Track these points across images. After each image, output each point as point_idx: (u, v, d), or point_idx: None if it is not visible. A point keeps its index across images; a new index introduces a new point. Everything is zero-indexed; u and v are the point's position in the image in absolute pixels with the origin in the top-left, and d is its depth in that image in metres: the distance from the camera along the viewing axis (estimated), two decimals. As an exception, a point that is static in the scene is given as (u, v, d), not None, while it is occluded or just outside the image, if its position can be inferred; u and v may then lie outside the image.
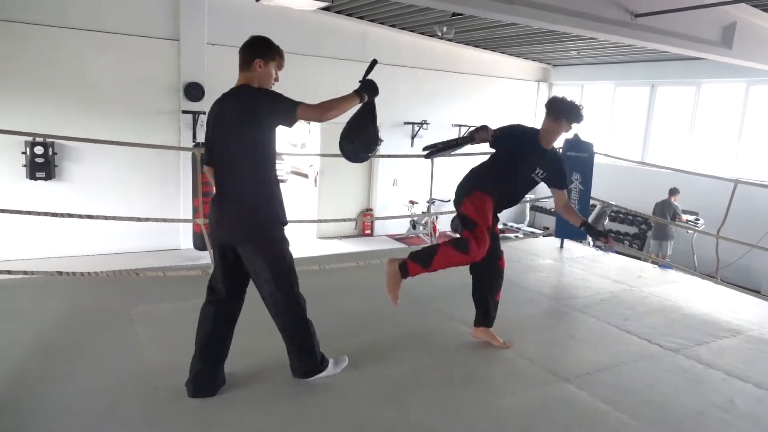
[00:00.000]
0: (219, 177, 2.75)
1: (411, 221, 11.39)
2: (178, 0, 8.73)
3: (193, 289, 4.43)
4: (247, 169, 2.69)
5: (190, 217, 8.46)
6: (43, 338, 3.35)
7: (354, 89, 2.75)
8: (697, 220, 9.65)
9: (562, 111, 3.43)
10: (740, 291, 5.30)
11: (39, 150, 7.99)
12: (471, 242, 3.19)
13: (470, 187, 3.43)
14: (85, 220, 6.29)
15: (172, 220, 7.86)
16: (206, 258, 8.30)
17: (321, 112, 2.63)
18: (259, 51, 2.74)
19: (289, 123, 2.68)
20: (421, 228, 11.20)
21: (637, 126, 11.78)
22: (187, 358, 2.80)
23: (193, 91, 8.96)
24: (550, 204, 11.43)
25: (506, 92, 12.71)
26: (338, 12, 9.64)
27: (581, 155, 5.97)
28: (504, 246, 6.75)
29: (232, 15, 9.08)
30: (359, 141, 2.88)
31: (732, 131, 10.26)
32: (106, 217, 4.63)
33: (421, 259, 3.25)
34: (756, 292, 6.47)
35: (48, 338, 3.35)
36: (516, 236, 10.58)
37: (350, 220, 10.90)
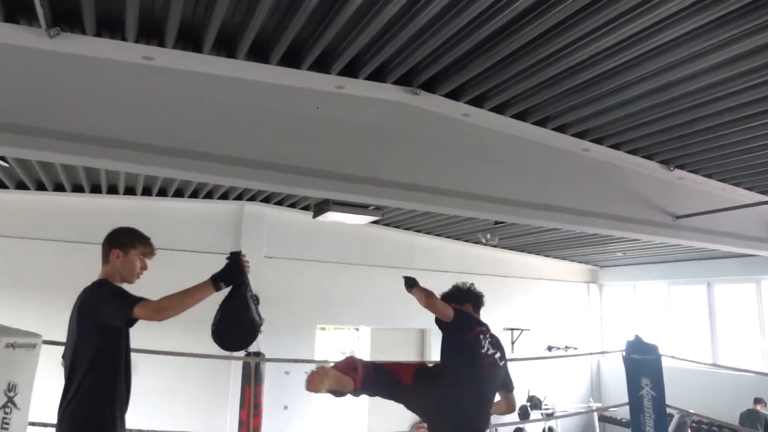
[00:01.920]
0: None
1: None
2: (242, 219, 9.59)
3: None
4: (74, 377, 2.40)
5: (236, 431, 8.09)
6: None
7: (210, 276, 2.47)
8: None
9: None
10: None
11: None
12: None
13: None
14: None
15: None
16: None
17: (157, 309, 2.35)
18: (116, 241, 2.64)
19: (119, 322, 2.39)
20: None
21: (700, 326, 11.23)
22: None
23: (249, 301, 9.29)
24: (621, 414, 10.48)
25: (555, 294, 12.63)
26: (386, 225, 10.32)
27: (646, 358, 5.63)
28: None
29: (289, 230, 9.82)
30: (233, 336, 2.63)
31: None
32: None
33: None
34: None
35: None
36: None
37: (403, 433, 10.14)
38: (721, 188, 6.05)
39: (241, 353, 8.80)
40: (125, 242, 2.65)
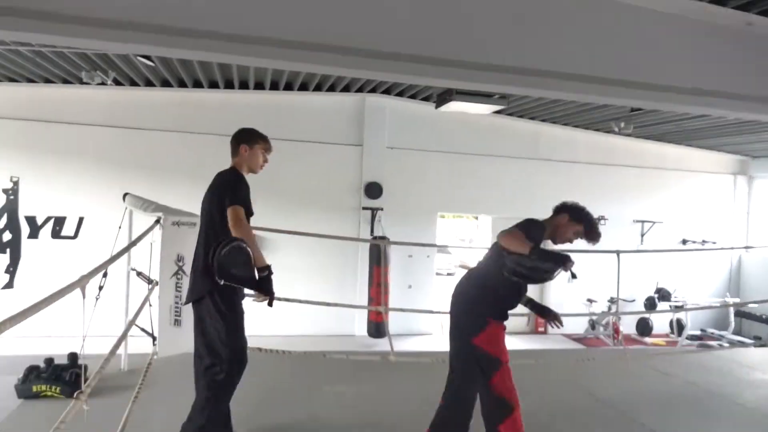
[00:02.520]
0: None
1: (590, 321, 10.58)
2: (363, 111, 9.76)
3: (372, 373, 4.61)
4: (202, 238, 2.90)
5: (366, 305, 8.88)
6: (245, 410, 3.65)
7: (266, 267, 2.79)
8: None
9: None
10: None
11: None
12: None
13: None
14: (281, 303, 6.92)
15: (359, 307, 8.31)
16: (381, 345, 8.58)
17: (233, 221, 2.73)
18: (244, 138, 3.03)
19: (222, 207, 2.80)
20: (602, 329, 10.32)
21: None
22: None
23: (373, 190, 9.71)
24: (762, 310, 9.90)
25: (696, 187, 11.67)
26: (511, 114, 9.95)
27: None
28: (708, 356, 5.99)
29: (412, 121, 9.86)
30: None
31: None
32: (300, 301, 5.09)
33: None
34: None
35: (249, 411, 3.64)
36: (720, 344, 9.20)
37: (522, 315, 10.46)
38: None
39: (368, 236, 9.42)
40: (251, 139, 3.03)
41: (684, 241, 11.37)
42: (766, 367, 5.33)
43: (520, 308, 3.24)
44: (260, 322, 8.81)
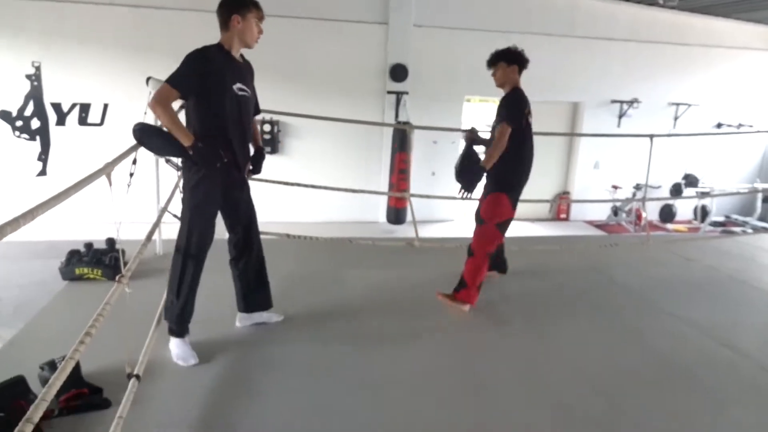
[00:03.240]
0: None
1: (613, 207, 10.57)
2: (388, -15, 9.14)
3: (398, 258, 4.76)
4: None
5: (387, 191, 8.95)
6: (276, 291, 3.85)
7: (190, 146, 2.55)
8: None
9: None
10: None
11: (267, 127, 9.12)
12: None
13: None
14: (303, 190, 7.02)
15: (381, 193, 8.39)
16: (401, 231, 8.79)
17: (156, 100, 2.50)
18: (235, 8, 2.64)
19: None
20: (624, 215, 10.33)
21: None
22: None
23: (399, 72, 9.36)
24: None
25: (737, 65, 10.94)
26: (546, -15, 9.22)
27: None
28: (730, 241, 6.00)
29: (439, -4, 9.24)
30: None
31: None
32: (326, 188, 5.14)
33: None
34: None
35: (279, 291, 3.84)
36: (743, 230, 9.18)
37: (545, 201, 10.49)
38: None
39: (393, 121, 9.26)
40: (243, 6, 2.65)
41: (719, 125, 10.93)
42: (791, 253, 5.34)
43: (545, 194, 3.52)
44: (284, 209, 9.08)
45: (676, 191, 10.35)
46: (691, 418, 2.55)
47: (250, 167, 3.05)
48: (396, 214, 9.03)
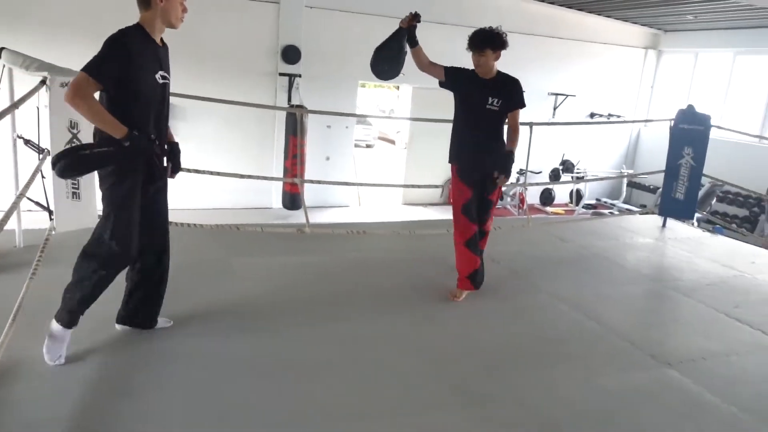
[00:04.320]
0: None
1: (498, 192, 11.15)
2: (279, -37, 8.85)
3: (288, 245, 4.66)
4: None
5: (282, 176, 8.76)
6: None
7: (124, 137, 2.29)
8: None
9: (490, 42, 3.51)
10: None
11: (149, 108, 8.54)
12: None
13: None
14: (191, 175, 6.65)
15: (272, 179, 8.16)
16: (296, 217, 8.65)
17: (73, 90, 2.21)
18: None
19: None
20: (509, 199, 10.94)
21: (758, 99, 10.70)
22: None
23: (291, 54, 9.14)
24: (649, 180, 10.77)
25: (610, 60, 11.93)
26: (436, -26, 9.38)
27: (696, 128, 5.51)
28: (599, 222, 6.53)
29: (331, -23, 9.10)
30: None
31: None
32: (212, 173, 4.89)
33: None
34: None
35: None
36: (611, 212, 10.07)
37: (436, 186, 10.82)
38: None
39: (285, 104, 9.04)
40: None
41: (592, 115, 11.87)
42: (647, 231, 5.92)
43: (437, 179, 3.59)
44: (171, 195, 8.59)
45: (554, 176, 11.12)
46: (566, 388, 2.74)
47: (170, 164, 2.70)
48: (291, 199, 8.87)
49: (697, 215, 6.28)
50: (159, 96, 2.50)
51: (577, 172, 11.17)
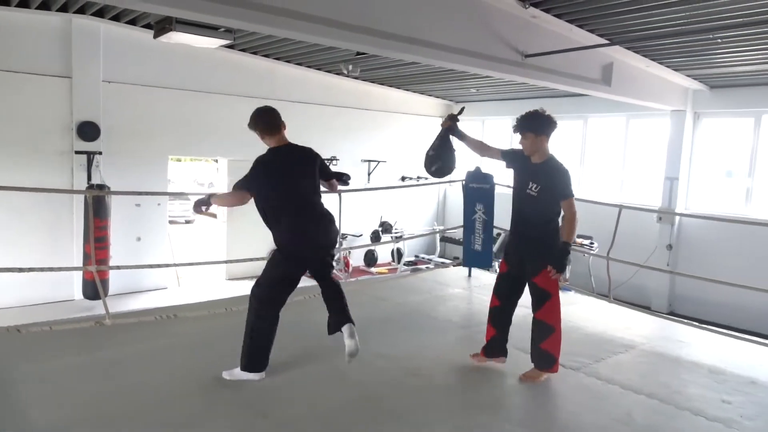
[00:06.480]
0: None
1: (325, 257, 11.30)
2: (70, 36, 8.30)
3: (83, 341, 4.13)
4: None
5: (82, 264, 7.88)
6: None
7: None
8: (592, 243, 10.33)
9: (539, 126, 3.54)
10: (632, 308, 5.70)
11: None
12: None
13: None
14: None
15: (61, 269, 7.26)
16: (100, 308, 7.77)
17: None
18: None
19: None
20: (335, 263, 11.12)
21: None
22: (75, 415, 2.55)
23: (88, 131, 8.47)
24: (458, 234, 11.81)
25: (412, 127, 13.13)
26: (243, 50, 9.58)
27: (483, 186, 6.23)
28: (415, 278, 6.93)
29: (131, 52, 8.76)
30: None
31: (616, 160, 11.20)
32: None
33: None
34: (646, 308, 6.98)
35: None
36: (427, 267, 10.79)
37: (260, 259, 10.60)
38: (567, 29, 6.35)
39: (85, 184, 8.27)
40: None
41: (403, 178, 12.82)
42: (456, 282, 6.45)
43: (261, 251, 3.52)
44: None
45: (375, 238, 11.64)
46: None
47: None
48: (94, 288, 7.95)
49: (495, 263, 7.00)
50: None
51: (396, 232, 11.84)
